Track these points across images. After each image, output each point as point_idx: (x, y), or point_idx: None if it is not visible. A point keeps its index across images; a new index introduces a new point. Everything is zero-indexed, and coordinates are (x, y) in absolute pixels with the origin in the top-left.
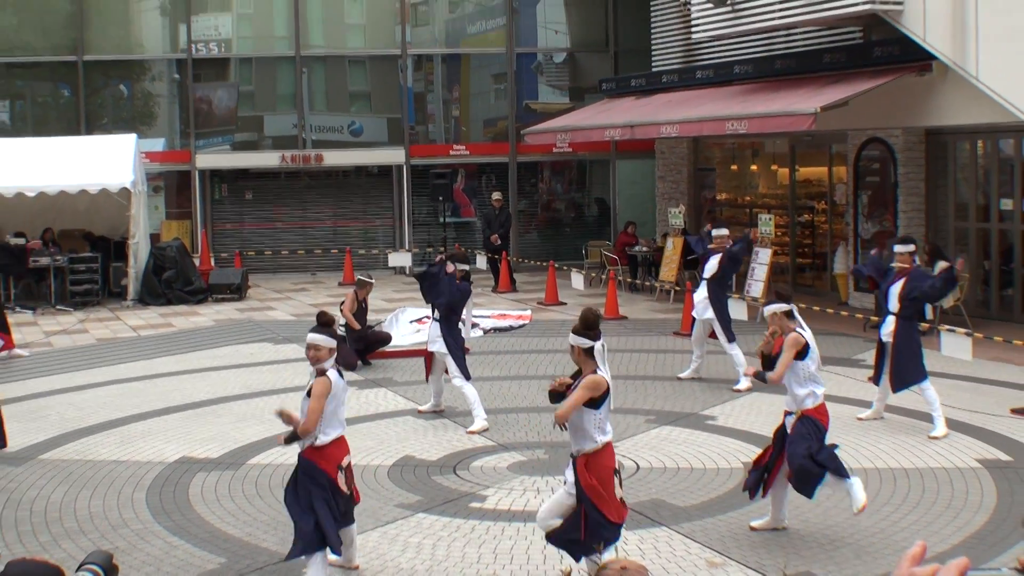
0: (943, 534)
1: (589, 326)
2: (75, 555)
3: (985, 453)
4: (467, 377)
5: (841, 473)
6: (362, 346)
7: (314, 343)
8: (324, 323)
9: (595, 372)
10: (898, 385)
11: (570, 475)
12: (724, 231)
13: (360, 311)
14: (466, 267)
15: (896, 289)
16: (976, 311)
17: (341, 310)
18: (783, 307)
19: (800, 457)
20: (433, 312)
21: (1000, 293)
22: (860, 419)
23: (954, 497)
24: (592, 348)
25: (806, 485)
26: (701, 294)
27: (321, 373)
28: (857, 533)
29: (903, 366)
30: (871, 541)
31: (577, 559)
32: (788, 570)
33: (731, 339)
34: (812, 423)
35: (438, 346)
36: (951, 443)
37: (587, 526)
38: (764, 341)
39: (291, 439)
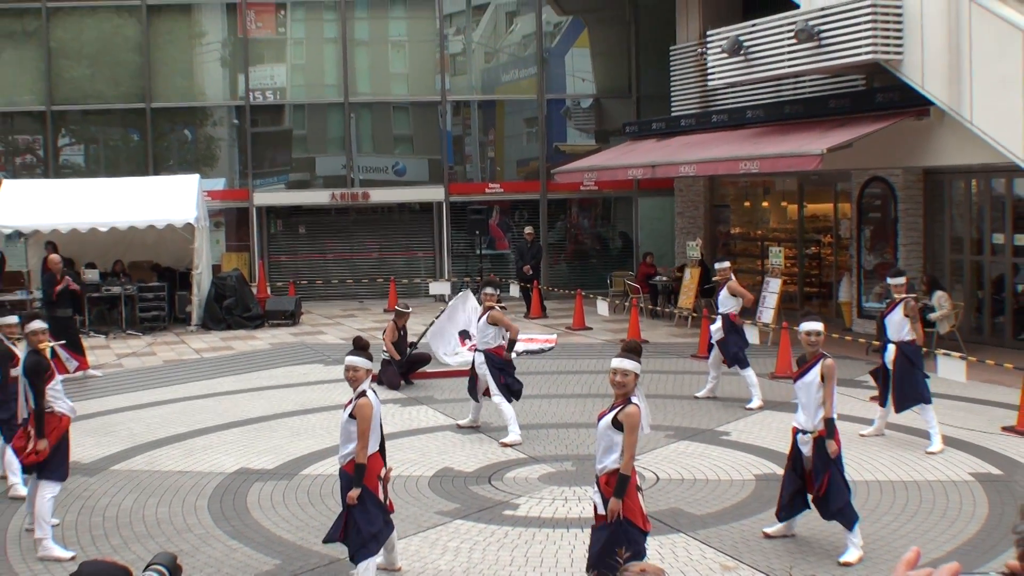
0: (938, 541)
1: (639, 352)
2: (143, 557)
3: (978, 467)
4: (507, 398)
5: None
6: (404, 368)
7: (352, 365)
8: (360, 347)
9: (630, 401)
10: (900, 406)
11: (597, 498)
12: (726, 264)
13: (400, 339)
14: (496, 292)
15: (893, 317)
16: (970, 337)
17: (383, 339)
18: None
19: (843, 498)
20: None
21: (992, 320)
22: (863, 435)
23: (949, 507)
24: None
25: (850, 518)
26: (717, 324)
27: (361, 395)
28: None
29: (903, 389)
30: (872, 547)
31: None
32: (795, 573)
33: (744, 365)
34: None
35: (483, 370)
36: (947, 458)
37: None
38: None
39: (360, 480)
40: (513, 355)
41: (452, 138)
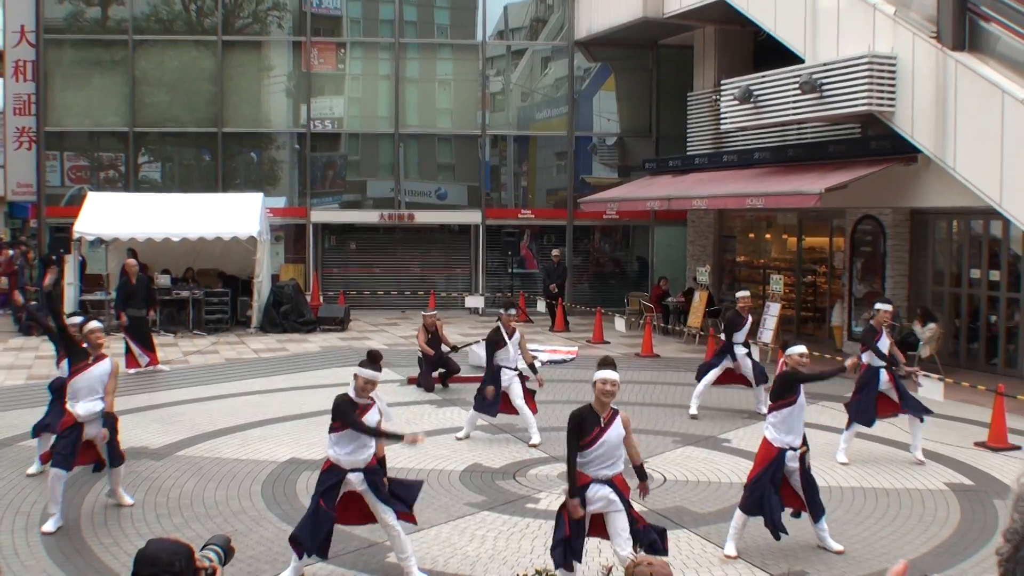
0: (915, 544)
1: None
2: (202, 535)
3: (952, 478)
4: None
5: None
6: (435, 368)
7: (368, 377)
8: (372, 359)
9: (616, 410)
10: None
11: (613, 495)
12: (746, 292)
13: (432, 339)
14: (514, 312)
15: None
16: (948, 360)
17: (417, 342)
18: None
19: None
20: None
21: (968, 346)
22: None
23: (925, 513)
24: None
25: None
26: (744, 350)
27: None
28: (845, 540)
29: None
30: (856, 547)
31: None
32: (786, 568)
33: (761, 381)
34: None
35: (513, 382)
36: (924, 469)
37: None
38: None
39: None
40: (539, 363)
41: (490, 168)
